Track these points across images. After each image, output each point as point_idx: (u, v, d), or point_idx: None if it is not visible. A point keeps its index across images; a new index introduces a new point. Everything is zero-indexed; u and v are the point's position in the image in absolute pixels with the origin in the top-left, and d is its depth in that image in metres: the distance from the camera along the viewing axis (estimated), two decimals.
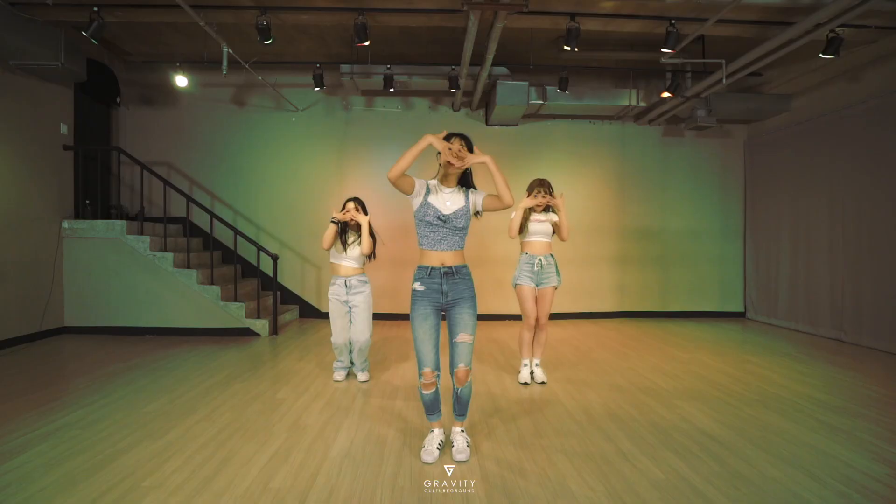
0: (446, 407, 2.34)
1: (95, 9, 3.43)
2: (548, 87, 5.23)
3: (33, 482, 1.83)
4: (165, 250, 4.72)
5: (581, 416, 2.60)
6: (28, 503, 1.69)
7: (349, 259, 3.18)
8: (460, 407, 2.10)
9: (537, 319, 3.16)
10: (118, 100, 5.46)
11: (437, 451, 2.06)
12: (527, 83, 5.07)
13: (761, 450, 2.17)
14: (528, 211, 3.12)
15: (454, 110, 5.84)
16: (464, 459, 2.03)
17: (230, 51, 3.91)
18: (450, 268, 2.03)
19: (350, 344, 3.22)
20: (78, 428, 2.35)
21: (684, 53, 4.69)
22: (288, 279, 5.80)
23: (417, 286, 2.03)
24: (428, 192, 2.03)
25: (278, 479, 1.86)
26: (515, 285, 3.16)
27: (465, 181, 2.12)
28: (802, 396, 2.95)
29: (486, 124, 5.88)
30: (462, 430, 2.14)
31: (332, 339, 3.20)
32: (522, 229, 3.14)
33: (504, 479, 1.88)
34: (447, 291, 2.02)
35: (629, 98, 5.32)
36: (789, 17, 3.53)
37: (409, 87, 5.25)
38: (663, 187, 6.07)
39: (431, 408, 2.09)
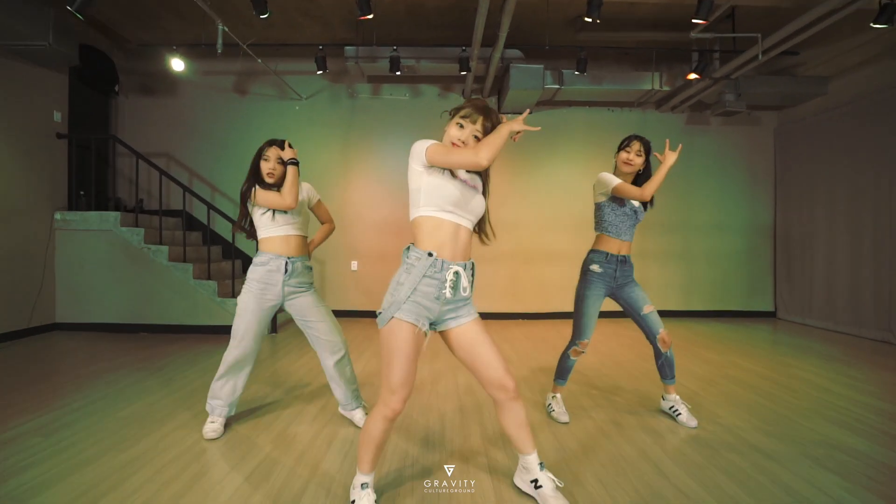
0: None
1: None
2: (564, 71, 4.91)
3: None
4: (161, 243, 4.50)
5: (609, 426, 2.28)
6: None
7: (293, 225, 2.12)
8: (670, 370, 2.31)
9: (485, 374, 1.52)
10: (116, 88, 5.27)
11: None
12: (542, 66, 4.76)
13: (831, 472, 1.83)
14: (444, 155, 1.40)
15: (465, 97, 5.54)
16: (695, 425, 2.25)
17: (226, 28, 3.66)
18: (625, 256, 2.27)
19: (332, 371, 2.20)
20: (40, 435, 2.09)
21: (714, 30, 4.33)
22: None
23: (595, 268, 2.23)
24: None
25: (256, 500, 1.58)
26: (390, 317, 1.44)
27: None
28: (860, 404, 2.60)
29: (499, 112, 5.56)
30: (678, 398, 2.36)
31: (228, 352, 2.08)
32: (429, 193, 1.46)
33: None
34: (618, 277, 2.25)
35: (651, 82, 4.97)
36: None
37: (416, 71, 4.97)
38: (687, 179, 5.69)
39: (565, 373, 2.35)
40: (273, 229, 2.11)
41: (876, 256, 4.40)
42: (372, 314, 5.60)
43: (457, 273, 1.43)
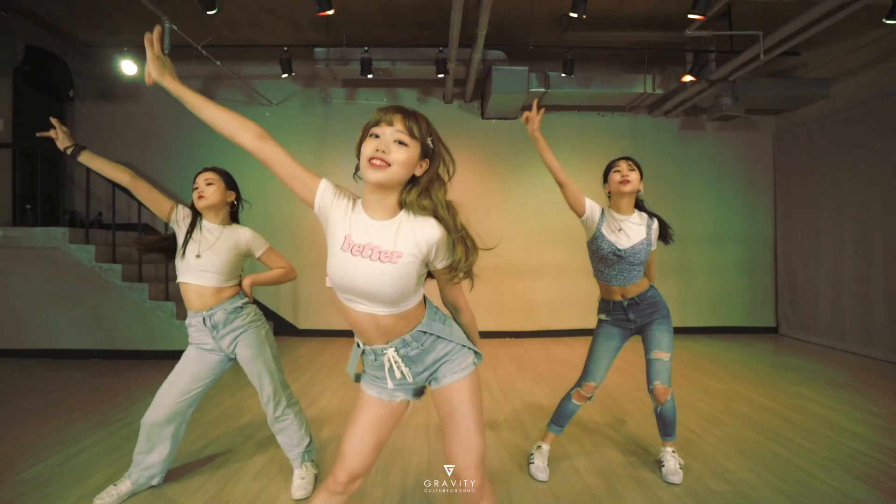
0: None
1: None
2: (550, 73, 4.61)
3: None
4: (114, 261, 4.14)
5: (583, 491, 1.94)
6: None
7: (203, 272, 1.73)
8: (665, 427, 2.02)
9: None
10: (71, 93, 4.91)
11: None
12: (526, 68, 4.46)
13: None
14: None
15: (446, 102, 5.23)
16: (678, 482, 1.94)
17: (174, 27, 3.32)
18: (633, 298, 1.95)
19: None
20: None
21: (711, 28, 4.05)
22: (261, 292, 5.19)
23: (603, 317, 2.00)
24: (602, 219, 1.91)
25: None
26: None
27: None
28: (886, 451, 2.27)
29: (482, 117, 5.26)
30: (673, 451, 2.03)
31: (146, 417, 1.75)
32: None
33: None
34: (636, 320, 1.96)
35: (644, 85, 4.68)
36: None
37: (392, 74, 4.65)
38: (682, 187, 5.39)
39: (563, 419, 2.05)
40: (181, 274, 1.76)
41: (887, 270, 4.11)
42: (349, 334, 5.23)
43: (391, 359, 1.14)
